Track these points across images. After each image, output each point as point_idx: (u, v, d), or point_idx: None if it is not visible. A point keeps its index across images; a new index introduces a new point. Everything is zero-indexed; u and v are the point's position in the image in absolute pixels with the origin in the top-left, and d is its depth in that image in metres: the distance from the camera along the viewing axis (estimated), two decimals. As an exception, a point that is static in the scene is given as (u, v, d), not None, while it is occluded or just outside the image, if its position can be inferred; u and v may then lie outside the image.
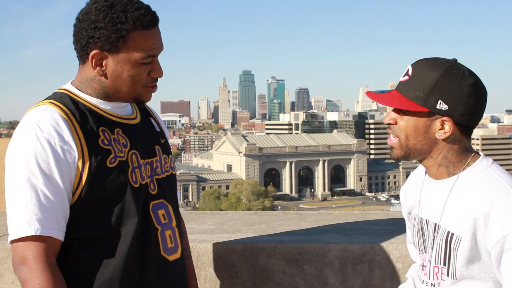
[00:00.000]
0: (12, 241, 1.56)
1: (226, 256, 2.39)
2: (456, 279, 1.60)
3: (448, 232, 1.59)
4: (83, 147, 1.62)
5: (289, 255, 2.32)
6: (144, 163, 1.75)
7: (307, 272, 2.31)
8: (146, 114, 1.92)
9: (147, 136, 1.83)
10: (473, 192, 1.56)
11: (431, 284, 1.67)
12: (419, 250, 1.75)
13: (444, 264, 1.61)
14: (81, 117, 1.67)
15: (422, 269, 1.73)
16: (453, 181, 1.62)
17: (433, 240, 1.66)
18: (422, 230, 1.73)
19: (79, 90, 1.73)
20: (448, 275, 1.61)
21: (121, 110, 1.79)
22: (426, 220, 1.69)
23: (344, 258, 2.29)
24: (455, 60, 1.62)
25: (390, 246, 2.28)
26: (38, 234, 1.53)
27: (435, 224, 1.65)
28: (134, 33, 1.64)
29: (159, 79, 1.75)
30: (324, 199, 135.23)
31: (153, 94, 1.77)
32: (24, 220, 1.54)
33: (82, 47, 1.68)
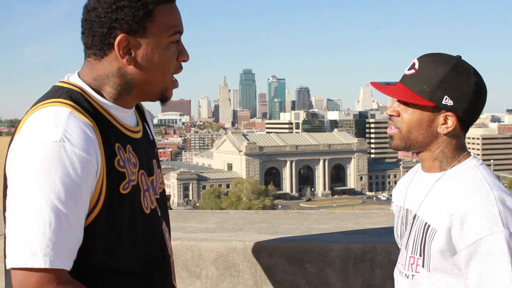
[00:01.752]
0: (14, 268, 1.29)
1: (227, 255, 2.39)
2: (429, 271, 1.61)
3: (425, 223, 1.61)
4: (103, 166, 1.39)
5: (290, 254, 2.32)
6: (151, 181, 1.58)
7: (309, 271, 2.31)
8: (142, 118, 1.69)
9: (148, 150, 1.62)
10: (455, 188, 1.58)
11: (406, 275, 1.68)
12: (400, 241, 1.77)
13: (420, 255, 1.63)
14: (101, 128, 1.42)
15: (400, 260, 1.75)
16: (440, 175, 1.64)
17: (411, 229, 1.68)
18: (405, 222, 1.75)
19: (89, 87, 1.48)
20: (423, 266, 1.62)
21: (129, 118, 1.56)
22: (407, 210, 1.72)
23: (346, 257, 2.29)
24: (460, 57, 1.64)
25: (391, 245, 2.26)
26: (48, 267, 1.28)
27: (415, 214, 1.67)
28: (160, 7, 1.44)
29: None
30: (309, 199, 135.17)
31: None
32: (37, 248, 1.27)
33: (104, 36, 1.42)
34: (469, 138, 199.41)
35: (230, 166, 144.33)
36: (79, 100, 1.42)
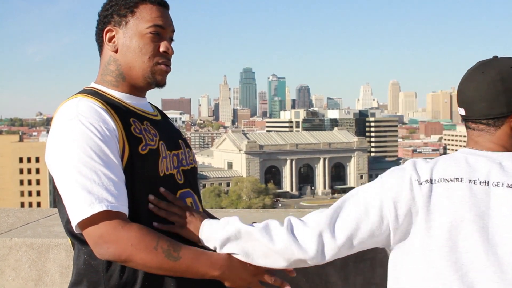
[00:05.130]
0: (83, 225, 1.57)
1: (227, 253, 2.41)
2: None
3: None
4: (122, 132, 1.69)
5: (290, 252, 2.36)
6: (171, 154, 1.82)
7: (309, 270, 2.28)
8: (164, 115, 2.02)
9: (171, 131, 1.93)
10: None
11: None
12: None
13: None
14: (116, 108, 1.74)
15: None
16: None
17: None
18: None
19: (102, 85, 1.82)
20: None
21: (144, 106, 1.87)
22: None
23: (346, 256, 2.20)
24: (478, 64, 1.66)
25: (391, 244, 2.32)
26: (109, 209, 1.55)
27: None
28: (142, 5, 1.78)
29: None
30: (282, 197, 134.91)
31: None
32: (91, 200, 1.55)
33: (100, 32, 1.82)
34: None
35: (230, 165, 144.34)
36: (90, 93, 1.76)
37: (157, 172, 1.73)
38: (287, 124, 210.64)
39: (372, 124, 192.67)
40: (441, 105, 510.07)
